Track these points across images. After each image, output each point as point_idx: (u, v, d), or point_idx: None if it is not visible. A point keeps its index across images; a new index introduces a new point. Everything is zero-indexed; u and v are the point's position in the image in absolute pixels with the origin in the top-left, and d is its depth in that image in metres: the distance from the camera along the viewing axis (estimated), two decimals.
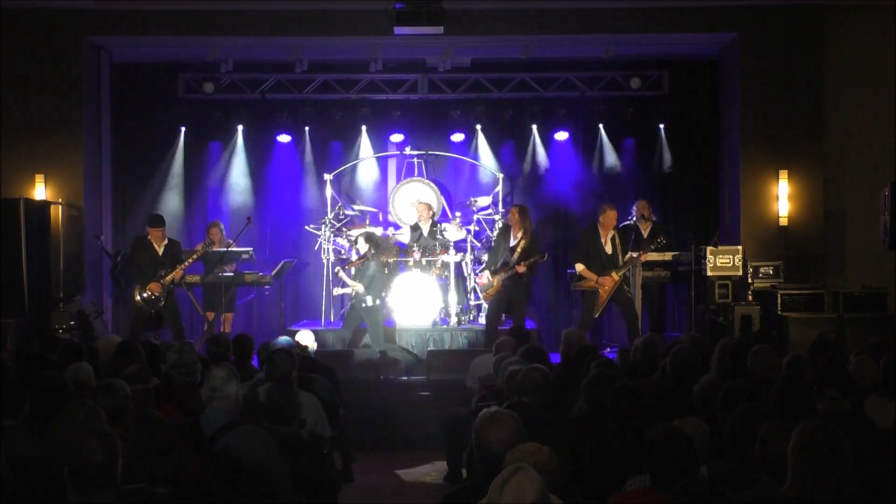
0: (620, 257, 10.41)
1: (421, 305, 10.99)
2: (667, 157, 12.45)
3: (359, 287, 10.21)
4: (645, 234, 11.11)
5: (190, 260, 10.60)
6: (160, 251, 10.51)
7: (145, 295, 10.29)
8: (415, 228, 11.63)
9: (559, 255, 12.27)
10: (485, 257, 11.37)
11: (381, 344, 10.22)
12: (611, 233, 10.43)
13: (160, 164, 12.49)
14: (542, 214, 12.43)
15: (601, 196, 12.03)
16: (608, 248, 10.41)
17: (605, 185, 12.49)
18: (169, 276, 10.36)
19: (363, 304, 10.27)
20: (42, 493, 3.86)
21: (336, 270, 10.85)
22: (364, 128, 12.54)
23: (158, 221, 10.62)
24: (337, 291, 11.20)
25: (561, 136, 12.46)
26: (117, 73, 12.06)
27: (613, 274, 10.30)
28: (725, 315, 10.26)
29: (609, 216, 10.43)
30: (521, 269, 10.25)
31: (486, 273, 10.62)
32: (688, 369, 5.69)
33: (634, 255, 10.48)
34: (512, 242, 10.42)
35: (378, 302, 10.36)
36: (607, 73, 12.27)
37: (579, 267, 10.45)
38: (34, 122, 11.11)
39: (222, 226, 11.67)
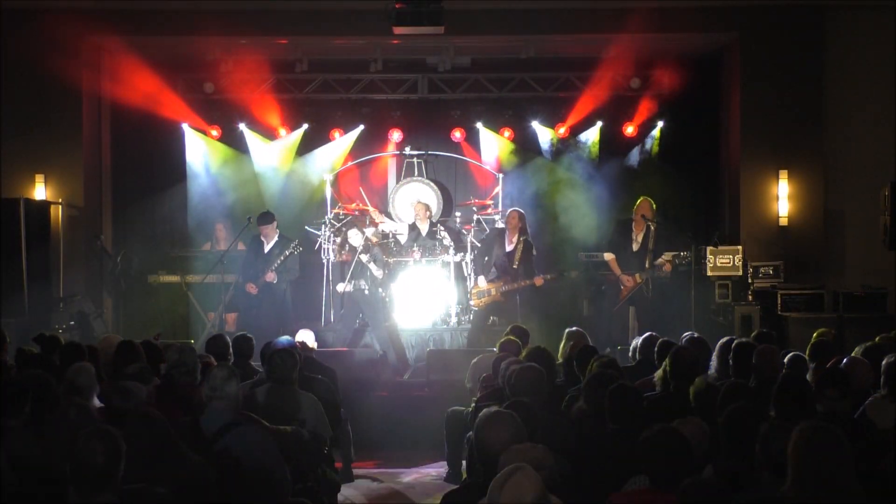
0: (648, 258, 10.39)
1: (421, 305, 10.98)
2: (667, 156, 12.44)
3: (378, 272, 10.05)
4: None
5: (279, 260, 10.34)
6: (266, 249, 10.46)
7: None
8: (412, 228, 11.60)
9: (558, 256, 12.24)
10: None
11: (383, 329, 10.12)
12: (644, 227, 10.42)
13: (160, 164, 12.49)
14: (541, 214, 12.41)
15: (601, 196, 12.01)
16: (635, 245, 10.44)
17: (606, 185, 12.47)
18: (263, 278, 10.33)
19: (380, 291, 10.11)
20: (42, 493, 3.86)
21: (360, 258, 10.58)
22: (364, 127, 12.54)
23: (265, 219, 10.49)
24: (341, 287, 10.85)
25: (561, 135, 12.44)
26: (117, 72, 12.06)
27: (637, 276, 10.35)
28: (725, 315, 10.26)
29: (642, 206, 10.45)
30: (540, 281, 10.21)
31: (481, 279, 10.47)
32: (688, 369, 5.69)
33: (658, 262, 10.43)
34: (508, 248, 10.36)
35: (381, 291, 10.29)
36: (607, 72, 12.25)
37: (608, 256, 10.52)
38: (34, 122, 11.11)
39: (221, 226, 11.62)
